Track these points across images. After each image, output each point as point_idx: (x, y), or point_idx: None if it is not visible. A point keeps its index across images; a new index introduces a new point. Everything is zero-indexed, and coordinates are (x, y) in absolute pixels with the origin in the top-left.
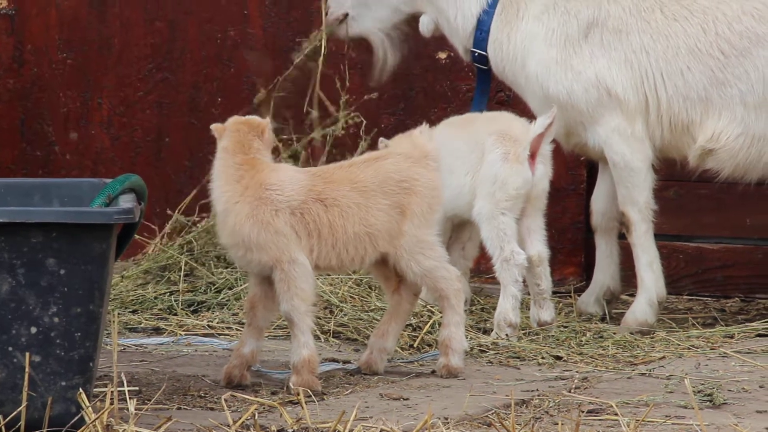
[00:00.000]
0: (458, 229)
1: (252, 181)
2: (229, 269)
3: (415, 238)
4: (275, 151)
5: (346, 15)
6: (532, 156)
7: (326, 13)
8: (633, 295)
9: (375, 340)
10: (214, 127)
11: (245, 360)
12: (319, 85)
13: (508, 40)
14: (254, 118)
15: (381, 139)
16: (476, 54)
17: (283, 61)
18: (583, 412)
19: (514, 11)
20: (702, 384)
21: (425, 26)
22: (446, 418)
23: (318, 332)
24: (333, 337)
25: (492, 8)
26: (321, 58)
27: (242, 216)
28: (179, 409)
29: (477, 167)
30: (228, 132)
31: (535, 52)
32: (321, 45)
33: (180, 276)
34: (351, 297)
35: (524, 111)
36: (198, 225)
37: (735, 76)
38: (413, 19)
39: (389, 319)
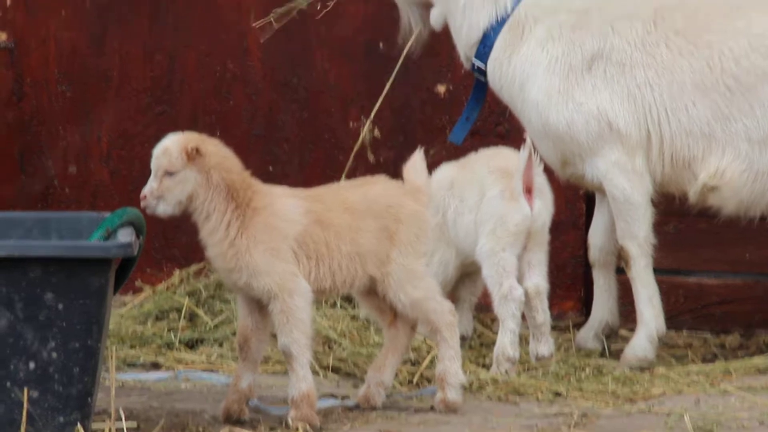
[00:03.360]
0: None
1: (255, 204)
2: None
3: (403, 267)
4: None
5: None
6: (528, 191)
7: None
8: (632, 330)
9: (372, 374)
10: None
11: (243, 394)
12: None
13: (509, 62)
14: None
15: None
16: (476, 66)
17: (281, 93)
18: None
19: (519, 33)
20: (701, 420)
21: (435, 19)
22: None
23: (317, 367)
24: (332, 372)
25: (499, 26)
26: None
27: (251, 241)
28: None
29: (479, 205)
30: (207, 152)
31: (537, 79)
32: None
33: (181, 315)
34: (349, 332)
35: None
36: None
37: (740, 111)
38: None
39: (386, 352)
